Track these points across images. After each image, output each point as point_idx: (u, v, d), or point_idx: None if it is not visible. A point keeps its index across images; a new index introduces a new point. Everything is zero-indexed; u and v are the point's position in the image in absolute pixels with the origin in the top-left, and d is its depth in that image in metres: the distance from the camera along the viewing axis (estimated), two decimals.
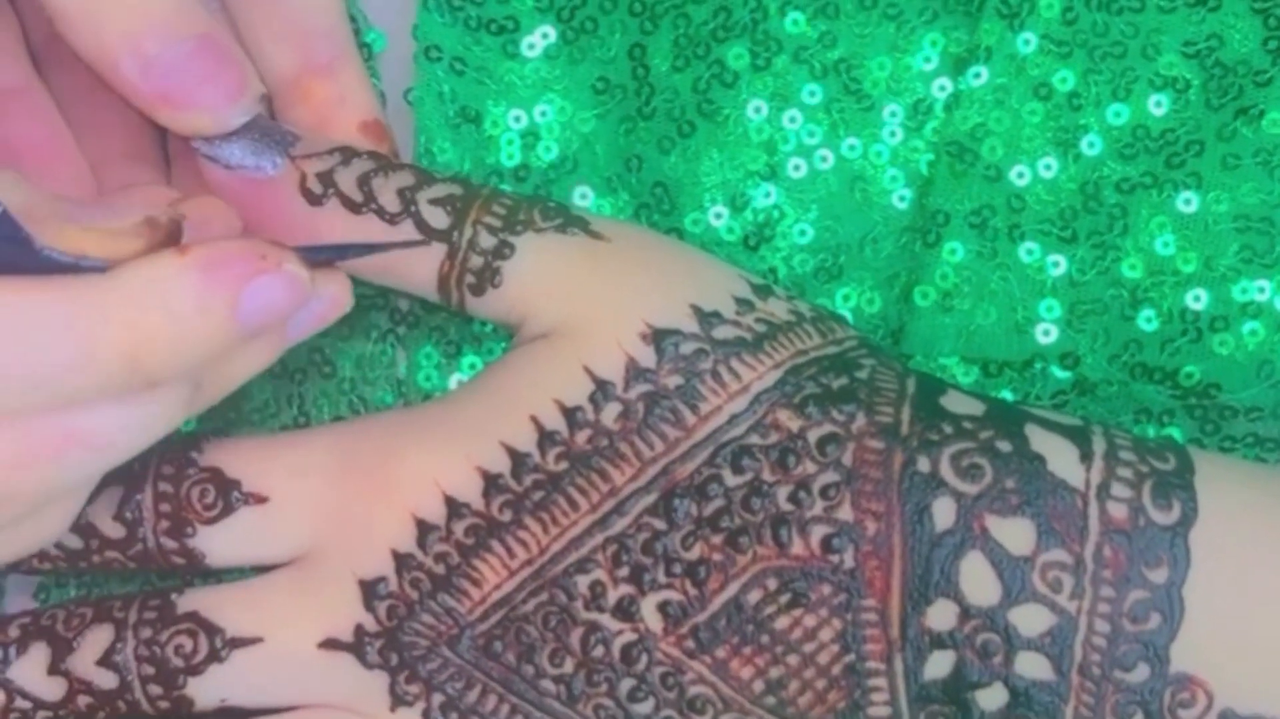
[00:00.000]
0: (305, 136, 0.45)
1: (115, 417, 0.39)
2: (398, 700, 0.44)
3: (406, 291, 0.46)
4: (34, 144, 0.46)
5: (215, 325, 0.38)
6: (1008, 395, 0.47)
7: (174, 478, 0.45)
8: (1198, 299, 0.47)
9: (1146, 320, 0.47)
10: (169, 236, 0.38)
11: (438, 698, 0.44)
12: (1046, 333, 0.47)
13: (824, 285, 0.48)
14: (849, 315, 0.48)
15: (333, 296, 0.42)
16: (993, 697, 0.42)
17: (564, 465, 0.43)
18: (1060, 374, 0.47)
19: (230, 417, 0.48)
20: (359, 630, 0.44)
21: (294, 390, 0.48)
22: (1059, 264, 0.47)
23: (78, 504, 0.43)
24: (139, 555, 0.45)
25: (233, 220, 0.43)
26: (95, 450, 0.39)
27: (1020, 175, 0.47)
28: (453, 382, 0.48)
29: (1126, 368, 0.47)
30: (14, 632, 0.45)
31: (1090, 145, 0.47)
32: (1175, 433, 0.48)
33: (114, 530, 0.45)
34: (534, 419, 0.44)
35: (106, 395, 0.38)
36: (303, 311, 0.41)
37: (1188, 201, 0.47)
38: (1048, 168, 0.47)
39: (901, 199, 0.48)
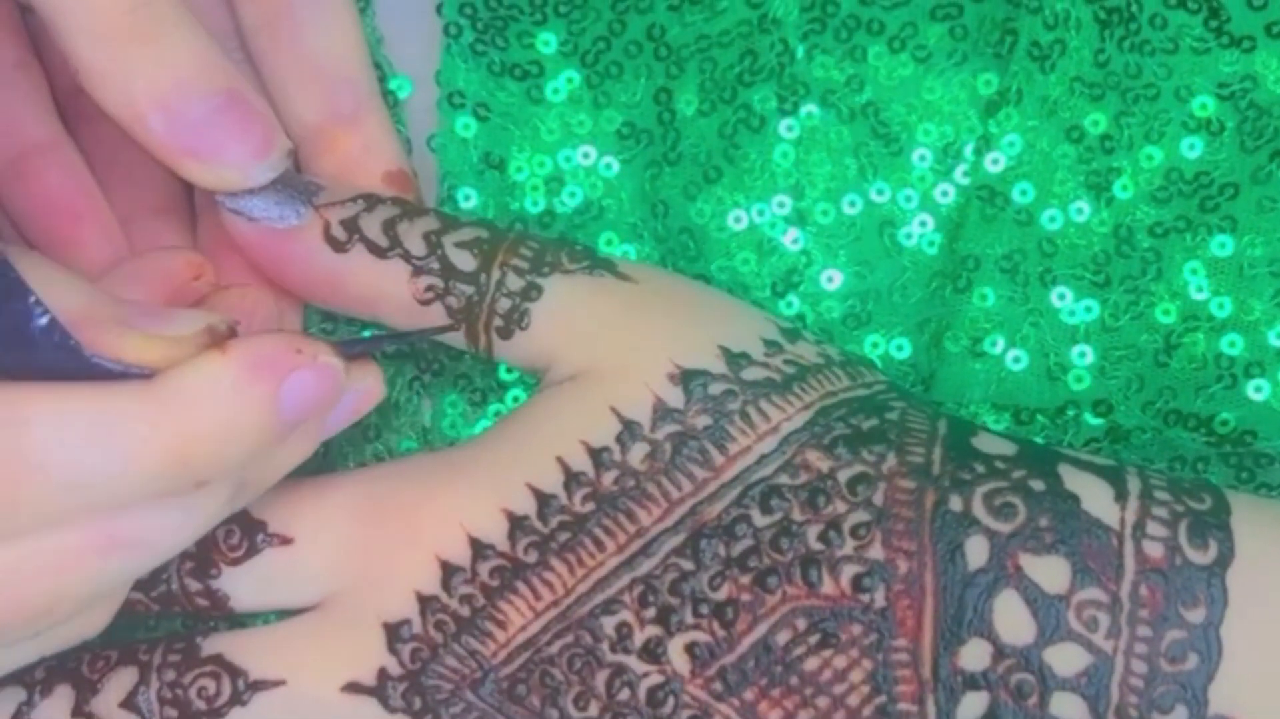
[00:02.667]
0: (328, 186, 0.45)
1: (162, 518, 0.39)
2: None
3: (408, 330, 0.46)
4: (63, 199, 0.46)
5: (259, 422, 0.38)
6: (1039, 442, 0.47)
7: None
8: (1233, 344, 0.47)
9: (1180, 367, 0.47)
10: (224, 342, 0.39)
11: None
12: (1079, 379, 0.47)
13: (853, 332, 0.48)
14: (878, 362, 0.48)
15: (367, 389, 0.43)
16: None
17: (590, 506, 0.43)
18: (1093, 421, 0.47)
19: None
20: (382, 674, 0.43)
21: None
22: (1091, 309, 0.47)
23: (122, 597, 0.43)
24: (164, 598, 0.45)
25: (272, 309, 0.44)
26: (142, 551, 0.39)
27: (1052, 219, 0.47)
28: (478, 429, 0.48)
29: (1160, 414, 0.47)
30: (39, 674, 0.45)
31: (1123, 189, 0.47)
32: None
33: None
34: (560, 460, 0.43)
35: (154, 499, 0.38)
36: (338, 405, 0.41)
37: (1222, 245, 0.47)
38: (1080, 211, 0.47)
39: (931, 244, 0.47)
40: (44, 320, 0.35)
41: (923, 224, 0.47)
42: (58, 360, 0.36)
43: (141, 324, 0.38)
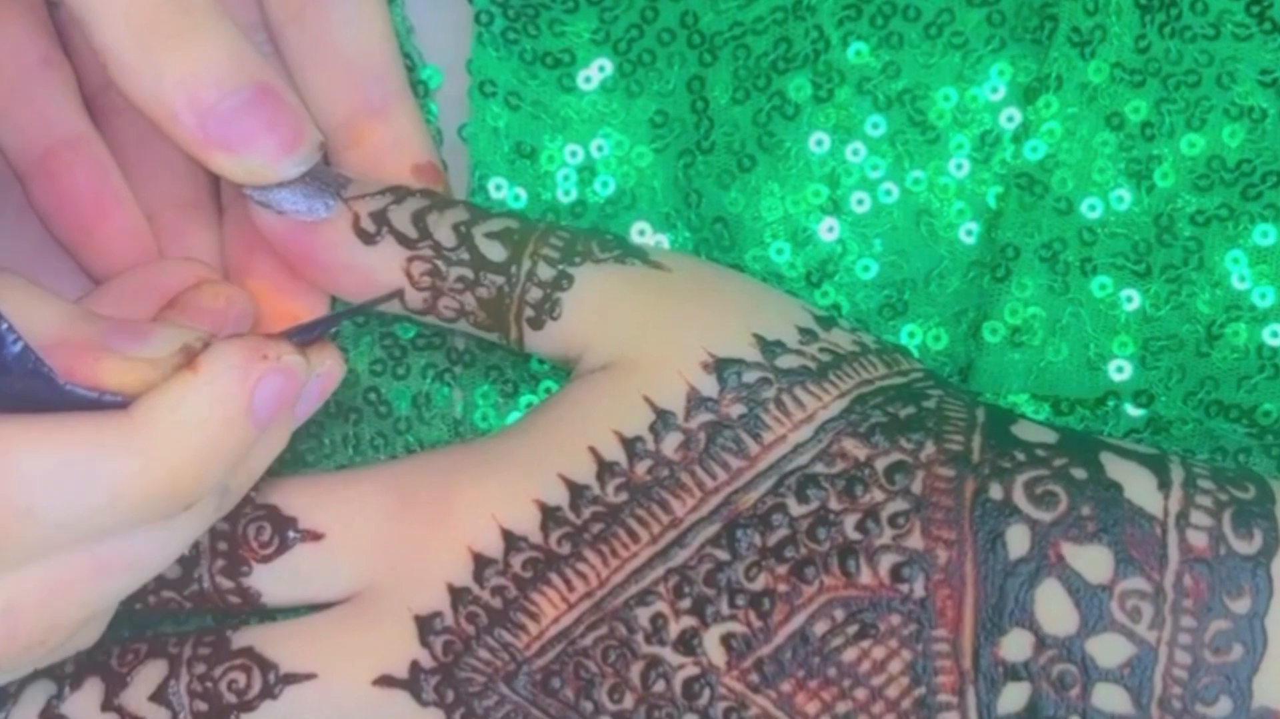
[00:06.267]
0: (357, 179, 0.45)
1: (151, 539, 0.39)
2: None
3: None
4: (91, 195, 0.46)
5: (237, 437, 0.38)
6: None
7: (231, 516, 0.44)
8: (1275, 335, 0.46)
9: (1222, 357, 0.46)
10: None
11: None
12: (1120, 369, 0.46)
13: (889, 322, 0.47)
14: (915, 352, 0.47)
15: (328, 371, 0.42)
16: None
17: (624, 497, 0.42)
18: (1134, 412, 0.46)
19: (285, 458, 0.47)
20: (414, 667, 0.43)
21: (350, 431, 0.48)
22: (1132, 299, 0.46)
23: (113, 611, 0.43)
24: (195, 596, 0.45)
25: (248, 305, 0.44)
26: (133, 573, 0.39)
27: (1092, 207, 0.46)
28: (510, 421, 0.48)
29: (1202, 405, 0.46)
30: (69, 667, 0.44)
31: (1163, 176, 0.46)
32: None
33: (171, 570, 0.44)
34: (593, 450, 0.43)
35: (141, 526, 0.38)
36: (304, 392, 0.41)
37: (1265, 234, 0.46)
38: (1120, 199, 0.46)
39: (969, 233, 0.47)
40: (16, 348, 0.35)
41: (960, 213, 0.47)
42: (31, 388, 0.36)
43: (118, 345, 0.38)
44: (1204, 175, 0.46)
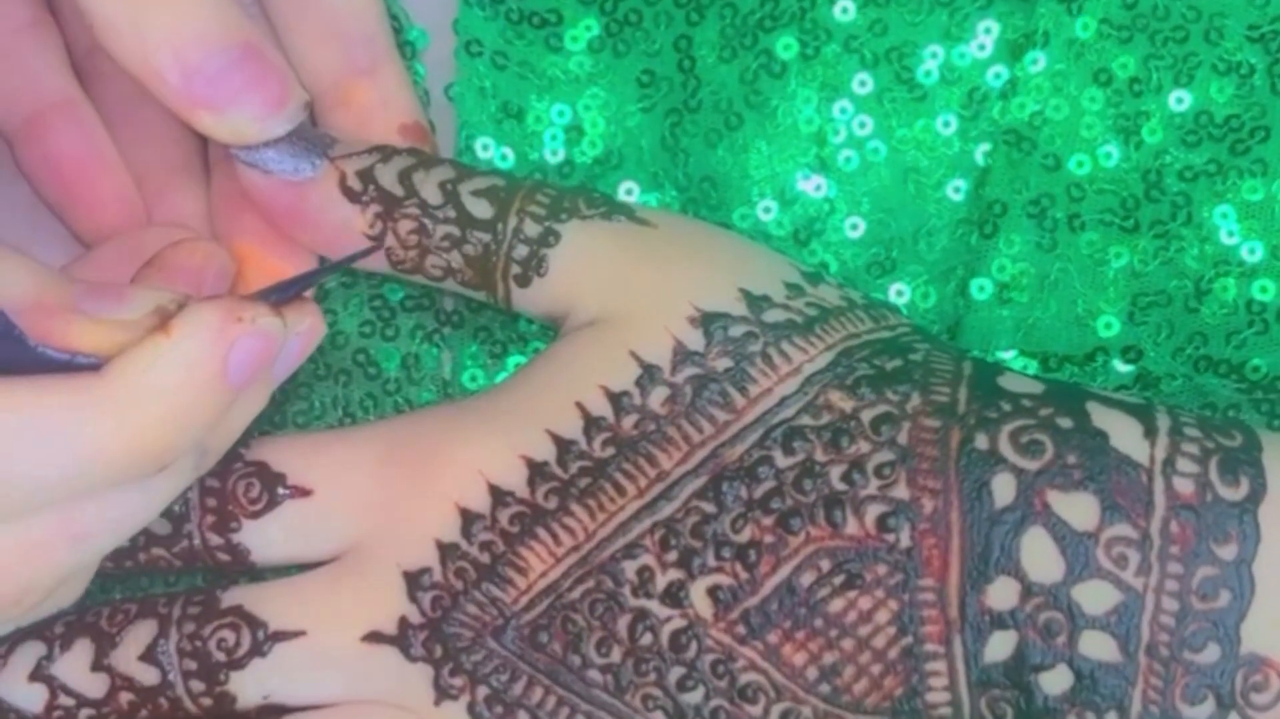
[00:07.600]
0: (343, 139, 0.45)
1: (126, 501, 0.39)
2: (442, 694, 0.43)
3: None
4: (79, 158, 0.46)
5: (211, 399, 0.38)
6: None
7: (220, 473, 0.44)
8: (1264, 290, 0.46)
9: (1211, 312, 0.46)
10: None
11: (483, 690, 0.43)
12: (1108, 326, 0.46)
13: (877, 280, 0.47)
14: (903, 311, 0.47)
15: (309, 328, 0.42)
16: (1056, 680, 0.41)
17: (611, 451, 0.42)
18: (1123, 368, 0.46)
19: (276, 420, 0.48)
20: (403, 623, 0.43)
21: (339, 392, 0.48)
22: (1121, 255, 0.46)
23: (94, 568, 0.43)
24: (185, 552, 0.45)
25: (226, 262, 0.44)
26: (109, 534, 0.39)
27: (1080, 164, 0.46)
28: (498, 381, 0.47)
29: (1191, 361, 0.46)
30: (59, 628, 0.44)
31: (1151, 132, 0.46)
32: None
33: (161, 527, 0.45)
34: (580, 406, 0.43)
35: (116, 488, 0.38)
36: (283, 351, 0.41)
37: (1254, 189, 0.46)
38: (1108, 156, 0.46)
39: (957, 190, 0.47)
40: None
41: (948, 170, 0.47)
42: (3, 351, 0.35)
43: (90, 308, 0.38)
44: (1192, 131, 0.46)
